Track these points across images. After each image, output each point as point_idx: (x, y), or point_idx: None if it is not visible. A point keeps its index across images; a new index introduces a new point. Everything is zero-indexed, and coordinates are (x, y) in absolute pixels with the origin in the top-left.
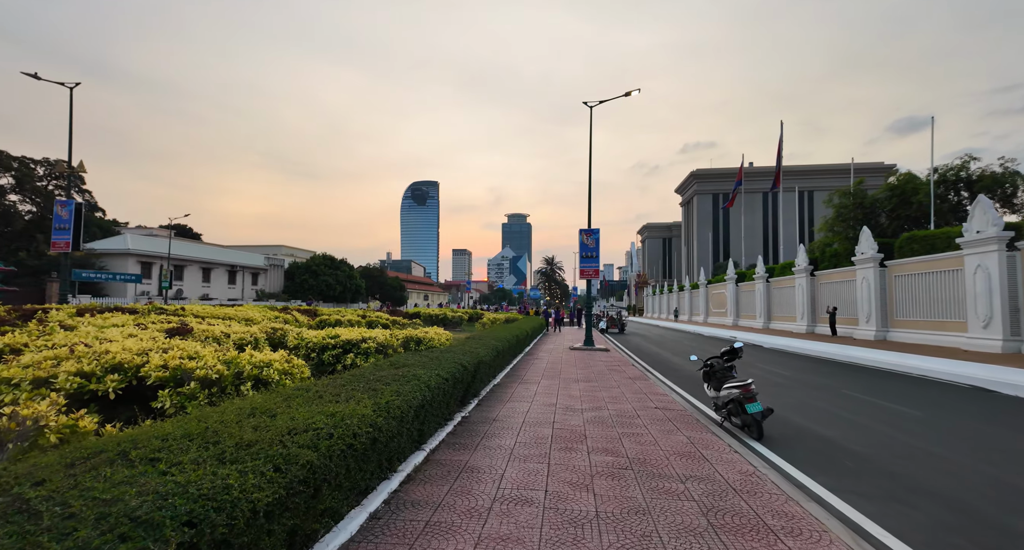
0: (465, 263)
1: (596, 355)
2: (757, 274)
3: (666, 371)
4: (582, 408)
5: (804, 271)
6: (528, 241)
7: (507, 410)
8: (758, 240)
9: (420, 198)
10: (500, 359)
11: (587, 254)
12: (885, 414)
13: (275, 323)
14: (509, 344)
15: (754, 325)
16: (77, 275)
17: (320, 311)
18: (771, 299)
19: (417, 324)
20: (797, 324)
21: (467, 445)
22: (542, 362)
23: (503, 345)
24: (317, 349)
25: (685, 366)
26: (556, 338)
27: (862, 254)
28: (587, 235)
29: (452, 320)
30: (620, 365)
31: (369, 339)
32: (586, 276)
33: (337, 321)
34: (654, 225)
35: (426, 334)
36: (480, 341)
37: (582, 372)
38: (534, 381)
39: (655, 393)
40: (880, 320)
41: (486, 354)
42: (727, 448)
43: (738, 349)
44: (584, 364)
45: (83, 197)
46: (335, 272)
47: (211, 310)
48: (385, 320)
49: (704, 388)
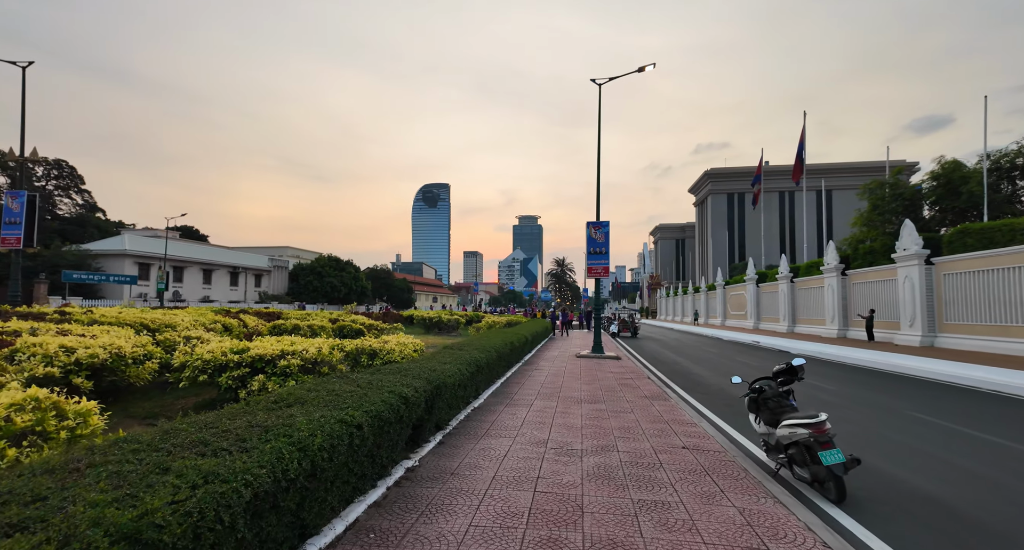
0: (476, 265)
1: (605, 364)
2: (780, 274)
3: (689, 386)
4: (582, 449)
5: (834, 270)
6: (539, 243)
7: (476, 454)
8: (775, 241)
9: (431, 200)
10: (482, 375)
11: (595, 249)
12: (989, 452)
13: (194, 330)
14: (499, 354)
15: (777, 328)
16: (68, 276)
17: (287, 314)
18: (796, 301)
19: (397, 329)
20: (826, 328)
21: (387, 538)
22: (541, 374)
23: (488, 357)
24: (212, 369)
25: (711, 378)
26: (563, 343)
27: (904, 250)
28: (595, 228)
29: (448, 324)
30: (633, 377)
31: (293, 354)
32: (594, 274)
33: (295, 326)
34: (667, 226)
35: (384, 345)
36: (459, 352)
37: (587, 388)
38: (526, 402)
39: (680, 421)
40: (926, 324)
41: (454, 374)
42: (802, 530)
43: (798, 367)
44: (591, 377)
45: (82, 197)
46: (340, 274)
47: (132, 314)
48: (360, 325)
49: (750, 420)
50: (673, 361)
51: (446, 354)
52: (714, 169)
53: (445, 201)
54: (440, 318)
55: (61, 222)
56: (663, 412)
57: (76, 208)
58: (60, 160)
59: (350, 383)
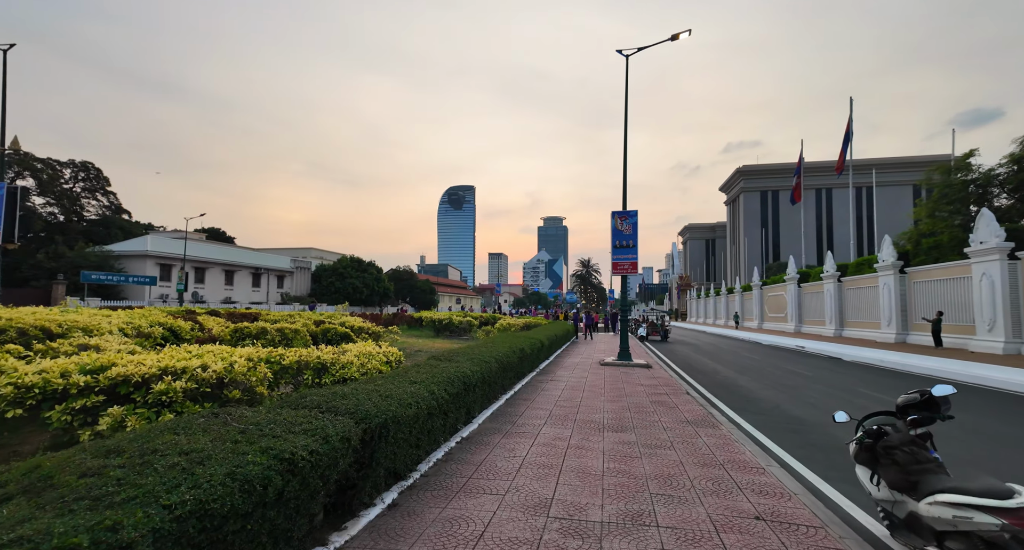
0: (501, 267)
1: (634, 374)
2: (826, 273)
3: (739, 404)
4: (603, 520)
5: (891, 268)
6: (564, 244)
7: (437, 534)
8: (811, 240)
9: (456, 202)
10: (476, 393)
11: (622, 243)
12: None
13: (107, 339)
14: (502, 364)
15: (822, 332)
16: (87, 277)
17: (266, 315)
18: (844, 302)
19: (392, 332)
20: (882, 332)
21: None
22: (558, 386)
23: (484, 370)
24: (37, 398)
25: (763, 393)
26: (586, 348)
27: (981, 243)
28: (621, 219)
29: (459, 326)
30: (668, 392)
31: (182, 372)
32: (620, 271)
33: (262, 330)
34: (696, 226)
35: (340, 356)
36: (445, 365)
37: (612, 407)
38: (531, 430)
39: (741, 464)
40: (1010, 328)
41: (418, 401)
42: None
43: (940, 400)
44: (616, 390)
45: (108, 199)
46: (362, 275)
47: (39, 316)
48: (347, 328)
49: (860, 476)
50: (712, 370)
51: (426, 368)
52: (746, 166)
53: (470, 203)
54: (451, 320)
55: (88, 224)
56: (715, 448)
57: (103, 210)
58: (87, 162)
59: (219, 426)
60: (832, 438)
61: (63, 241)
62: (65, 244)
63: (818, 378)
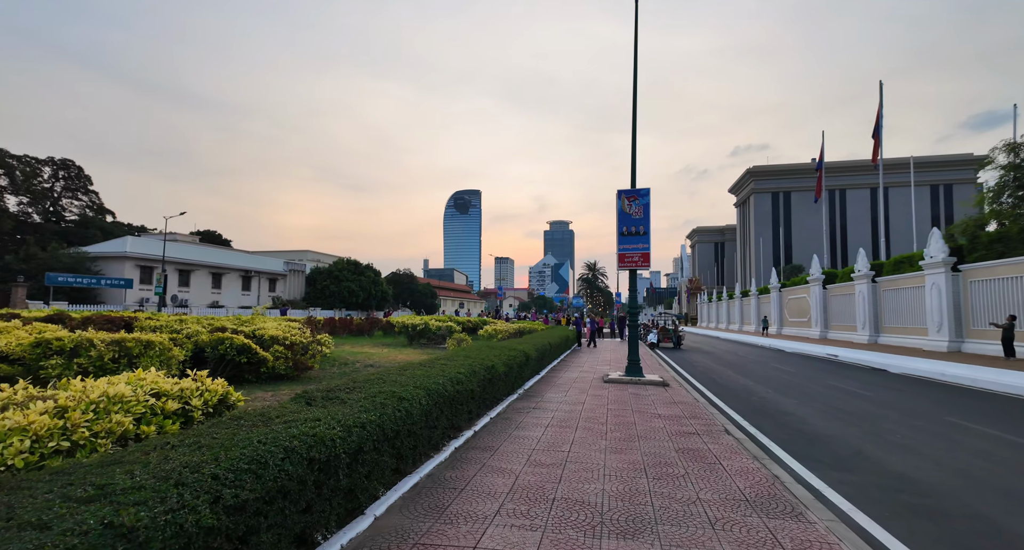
0: (506, 271)
1: (647, 396)
2: (858, 272)
3: (804, 449)
4: None
5: (941, 265)
6: (571, 248)
7: None
8: (823, 242)
9: (462, 207)
10: (302, 498)
11: (630, 228)
12: None
13: None
14: (439, 401)
15: (854, 338)
16: (52, 279)
17: (144, 320)
18: (880, 305)
19: (323, 343)
20: (930, 339)
21: None
22: (540, 420)
23: (384, 422)
24: None
25: (832, 428)
26: (588, 358)
27: None
28: (629, 199)
29: (436, 333)
30: (698, 429)
31: None
32: (629, 264)
33: (83, 344)
34: (705, 229)
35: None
36: (306, 415)
37: (617, 466)
38: (472, 528)
39: None
40: None
41: None
42: None
43: None
44: (624, 429)
45: (89, 198)
46: (359, 278)
47: None
48: (254, 339)
49: None
50: (743, 388)
51: (225, 435)
52: (757, 167)
53: (476, 207)
54: (427, 326)
55: (65, 225)
56: None
57: (84, 210)
58: (67, 160)
59: None
60: (993, 524)
61: (35, 242)
62: (38, 245)
63: (882, 400)
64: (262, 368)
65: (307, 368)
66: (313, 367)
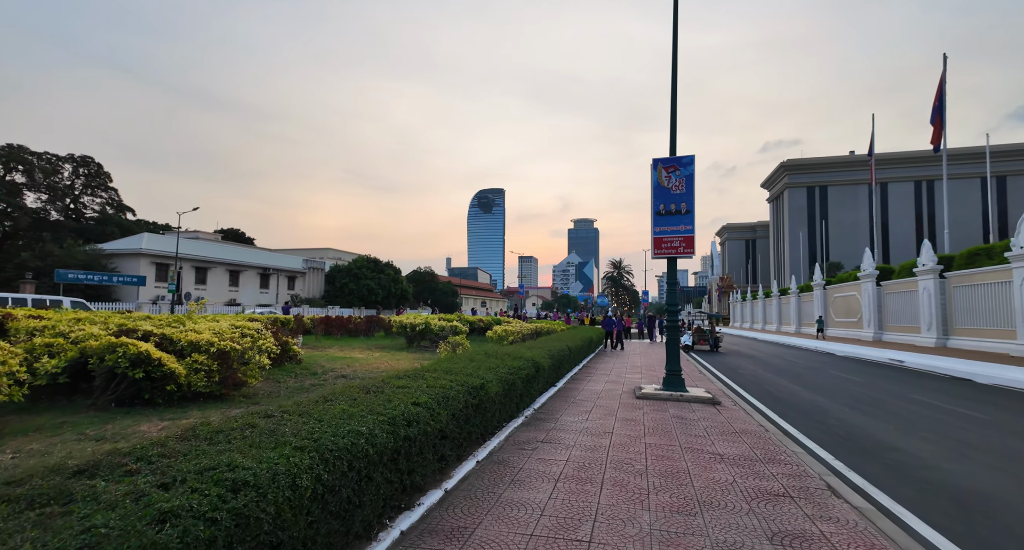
0: (530, 270)
1: (697, 421)
2: (923, 266)
3: (959, 527)
4: None
5: None
6: (595, 247)
7: None
8: (863, 237)
9: (486, 206)
10: None
11: (668, 207)
12: None
13: None
14: (366, 460)
15: (915, 341)
16: (61, 276)
17: (26, 321)
18: (950, 303)
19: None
20: (1018, 344)
21: None
22: (551, 466)
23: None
24: None
25: (970, 476)
26: (615, 363)
27: None
28: (668, 170)
29: (439, 334)
30: (788, 486)
31: None
32: (667, 251)
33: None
34: (735, 225)
35: None
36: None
37: None
38: None
39: None
40: None
41: None
42: None
43: None
44: (674, 486)
45: (108, 195)
46: (378, 276)
47: None
48: (145, 349)
49: None
50: (813, 406)
51: None
52: (791, 160)
53: (500, 206)
54: (428, 326)
55: (83, 222)
56: None
57: (103, 206)
58: (86, 156)
59: None
60: None
61: (51, 238)
62: (55, 242)
63: (1009, 426)
64: (168, 385)
65: (242, 384)
66: (249, 382)
